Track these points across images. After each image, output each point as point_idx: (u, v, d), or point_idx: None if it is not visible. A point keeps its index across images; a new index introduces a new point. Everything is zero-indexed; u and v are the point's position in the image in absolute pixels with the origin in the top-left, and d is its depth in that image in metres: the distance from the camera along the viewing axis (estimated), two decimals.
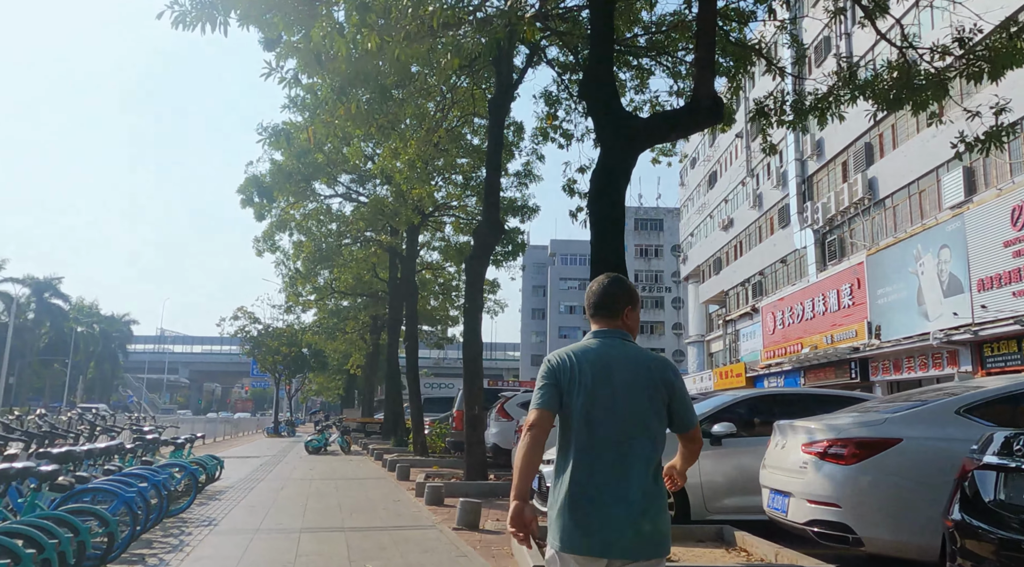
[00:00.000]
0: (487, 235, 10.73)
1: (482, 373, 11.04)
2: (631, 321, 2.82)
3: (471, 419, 10.76)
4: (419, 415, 16.61)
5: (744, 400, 7.45)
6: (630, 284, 2.90)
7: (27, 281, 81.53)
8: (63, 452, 5.39)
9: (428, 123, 12.29)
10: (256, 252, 17.50)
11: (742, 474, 6.84)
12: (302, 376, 54.61)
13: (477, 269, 10.76)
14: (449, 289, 28.06)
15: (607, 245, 6.10)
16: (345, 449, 22.84)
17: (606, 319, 2.77)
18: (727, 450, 7.02)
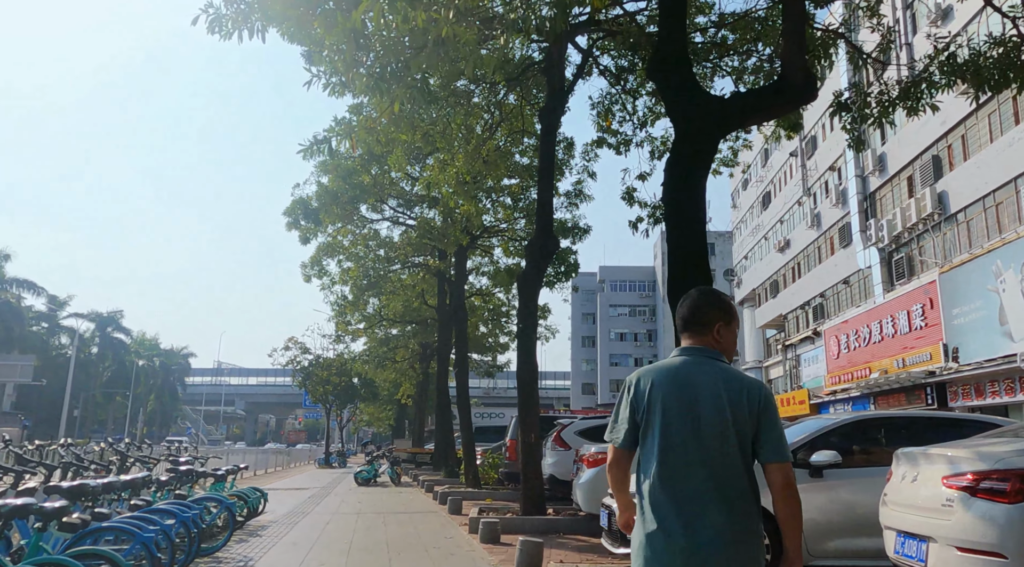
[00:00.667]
0: (540, 250, 10.05)
1: (538, 398, 10.27)
2: (724, 339, 2.60)
3: (527, 448, 9.97)
4: (471, 445, 15.86)
5: (847, 424, 6.38)
6: (725, 299, 2.68)
7: (91, 316, 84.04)
8: (75, 486, 4.81)
9: (476, 138, 11.76)
10: (303, 277, 17.21)
11: (850, 512, 5.83)
12: (353, 406, 54.46)
13: (530, 286, 10.06)
14: (499, 315, 27.43)
15: (686, 243, 5.34)
16: (395, 480, 22.18)
17: (695, 335, 2.59)
18: (830, 483, 5.98)
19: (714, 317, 2.59)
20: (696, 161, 5.32)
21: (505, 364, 36.58)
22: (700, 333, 2.57)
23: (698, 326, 2.58)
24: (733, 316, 2.64)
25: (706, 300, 2.64)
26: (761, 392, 2.47)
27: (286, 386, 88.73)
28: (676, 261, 5.37)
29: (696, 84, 5.76)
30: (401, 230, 20.56)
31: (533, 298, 10.19)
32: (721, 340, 2.58)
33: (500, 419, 37.49)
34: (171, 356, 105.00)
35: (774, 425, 2.43)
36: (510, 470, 15.11)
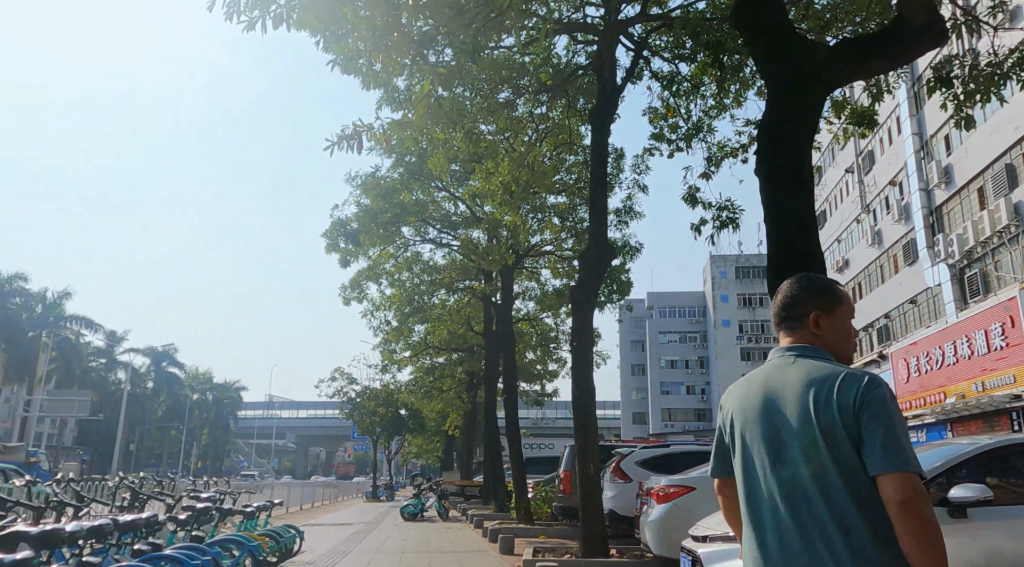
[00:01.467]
0: (596, 260, 9.14)
1: (596, 424, 9.27)
2: (825, 331, 2.11)
3: (586, 481, 8.94)
4: (522, 477, 14.80)
5: (997, 449, 5.11)
6: (822, 282, 2.20)
7: (146, 351, 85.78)
8: (43, 532, 3.97)
9: (521, 144, 10.99)
10: (343, 301, 16.57)
11: (1003, 562, 4.58)
12: (401, 438, 53.84)
13: (585, 300, 9.14)
14: (548, 340, 26.43)
15: (786, 217, 4.35)
16: (443, 515, 21.20)
17: (787, 331, 2.19)
18: (977, 525, 4.66)
19: (808, 306, 2.12)
20: (799, 122, 4.36)
21: (554, 392, 35.44)
22: (793, 328, 2.13)
23: (790, 320, 2.15)
24: (836, 302, 2.14)
25: (798, 287, 2.17)
26: (859, 385, 1.89)
27: (335, 419, 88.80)
28: (775, 245, 4.41)
29: (794, 30, 4.82)
30: (444, 252, 19.91)
31: (588, 313, 9.24)
32: (821, 333, 2.10)
33: (550, 450, 36.22)
34: (224, 390, 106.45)
35: (878, 424, 1.84)
36: (565, 504, 14.00)
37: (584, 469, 8.90)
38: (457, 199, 16.47)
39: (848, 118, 11.59)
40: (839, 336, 2.13)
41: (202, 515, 5.84)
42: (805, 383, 1.95)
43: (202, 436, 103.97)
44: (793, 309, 2.14)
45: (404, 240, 18.10)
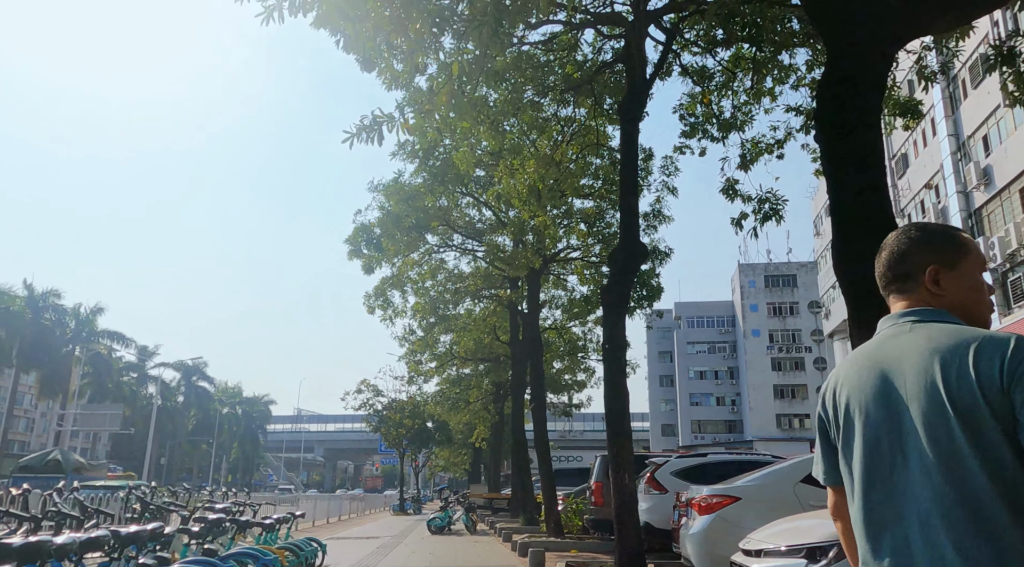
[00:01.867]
0: (626, 258, 8.70)
1: (631, 431, 8.78)
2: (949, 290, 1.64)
3: (620, 491, 8.44)
4: (551, 489, 14.29)
5: None
6: (935, 229, 1.75)
7: (176, 365, 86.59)
8: (27, 544, 3.63)
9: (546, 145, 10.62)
10: (367, 308, 16.26)
11: None
12: (427, 451, 53.49)
13: (615, 301, 8.68)
14: (575, 350, 25.92)
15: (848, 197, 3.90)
16: (470, 528, 20.73)
17: (898, 294, 1.71)
18: None
19: (923, 259, 1.69)
20: (858, 83, 3.93)
21: (582, 403, 34.84)
22: (905, 289, 1.70)
23: (900, 280, 1.72)
24: (960, 253, 1.69)
25: (908, 239, 1.73)
26: (1005, 350, 1.43)
27: (363, 432, 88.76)
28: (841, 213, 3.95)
29: None
30: (469, 260, 19.57)
31: (619, 316, 8.78)
32: (943, 292, 1.66)
33: (578, 462, 35.58)
34: (253, 404, 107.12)
35: None
36: (597, 516, 13.48)
37: (619, 479, 8.41)
38: (482, 204, 16.14)
39: (892, 109, 11.07)
40: (969, 293, 1.68)
41: (215, 527, 5.50)
42: (928, 352, 1.51)
43: (232, 450, 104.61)
44: (903, 265, 1.71)
45: (428, 247, 17.80)
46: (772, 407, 79.89)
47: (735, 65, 11.95)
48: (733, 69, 11.86)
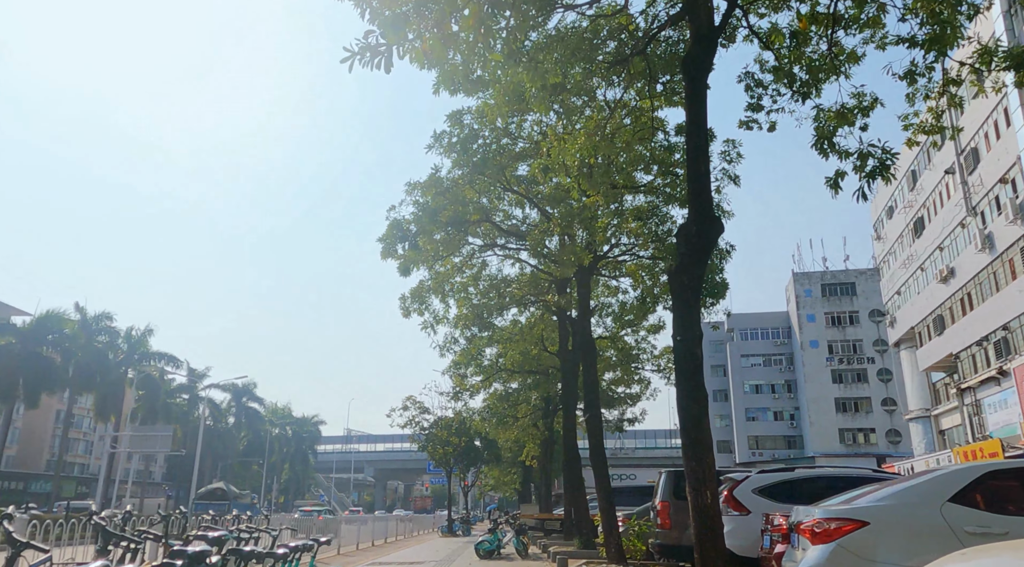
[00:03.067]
0: (698, 235, 7.31)
1: (711, 441, 7.31)
2: None
3: (702, 513, 6.98)
4: (610, 509, 12.78)
5: None
6: None
7: (227, 386, 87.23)
8: None
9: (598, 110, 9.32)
10: (403, 312, 15.05)
11: None
12: (476, 470, 52.08)
13: (687, 283, 7.29)
14: (629, 359, 24.32)
15: None
16: (521, 552, 19.24)
17: None
18: None
19: None
20: None
21: (636, 418, 33.07)
22: None
23: None
24: None
25: None
26: None
27: (413, 452, 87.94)
28: None
29: None
30: (512, 263, 18.31)
31: (692, 300, 7.37)
32: None
33: (632, 480, 33.71)
34: (303, 424, 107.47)
35: None
36: (664, 541, 11.92)
37: (699, 499, 6.95)
38: (526, 200, 14.89)
39: (1003, 61, 9.43)
40: None
41: (196, 562, 4.32)
42: None
43: (283, 470, 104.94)
44: None
45: (470, 248, 16.60)
46: (834, 421, 76.49)
47: (811, 21, 10.47)
48: (807, 27, 10.39)
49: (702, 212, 7.55)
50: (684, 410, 7.30)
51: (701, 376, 7.49)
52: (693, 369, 7.36)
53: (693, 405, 7.24)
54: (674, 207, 16.52)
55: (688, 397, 7.29)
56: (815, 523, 5.62)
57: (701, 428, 7.22)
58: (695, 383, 7.30)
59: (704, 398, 7.38)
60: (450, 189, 13.05)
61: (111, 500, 59.61)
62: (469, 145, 13.91)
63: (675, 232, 16.84)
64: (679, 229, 7.85)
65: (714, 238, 7.72)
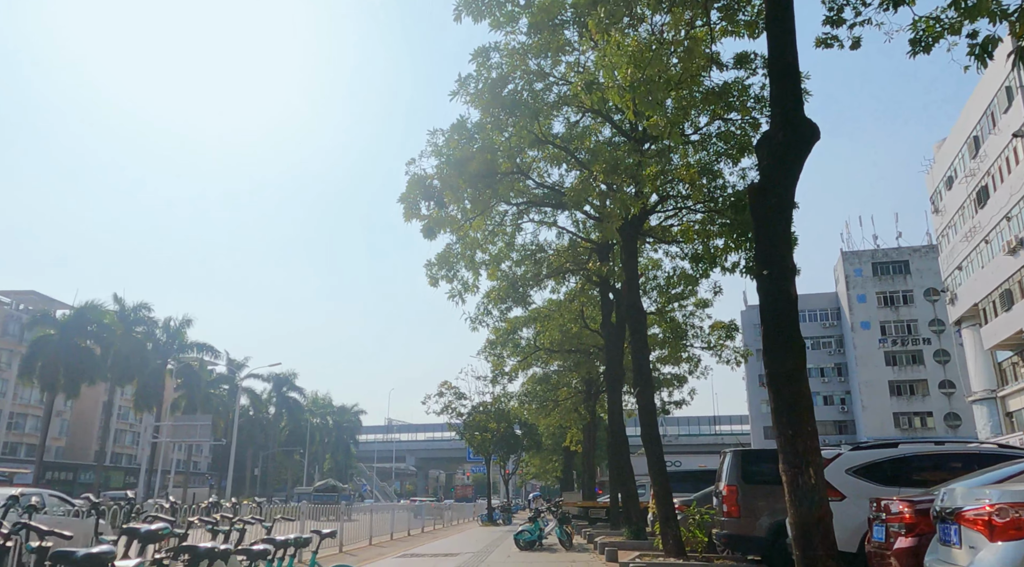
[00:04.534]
0: (786, 145, 5.67)
1: (810, 399, 5.62)
2: None
3: (804, 495, 5.34)
4: (667, 496, 11.14)
5: None
6: None
7: (267, 377, 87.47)
8: None
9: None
10: (429, 280, 13.52)
11: None
12: (516, 457, 50.77)
13: (774, 204, 5.66)
14: (677, 335, 22.50)
15: None
16: (565, 543, 17.74)
17: None
18: None
19: None
20: None
21: (684, 401, 31.21)
22: None
23: None
24: None
25: None
26: None
27: (453, 440, 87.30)
28: None
29: None
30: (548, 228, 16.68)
31: (780, 227, 5.74)
32: None
33: (676, 467, 31.85)
34: (343, 413, 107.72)
35: None
36: (732, 531, 10.29)
37: (799, 478, 5.31)
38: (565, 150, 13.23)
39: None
40: None
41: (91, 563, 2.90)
42: None
43: (325, 460, 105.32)
44: None
45: (502, 211, 15.02)
46: (888, 405, 73.37)
47: None
48: None
49: (790, 114, 5.91)
50: (775, 364, 5.68)
51: (796, 320, 5.86)
52: (786, 311, 5.73)
53: (787, 357, 5.61)
54: (727, 165, 14.74)
55: (781, 347, 5.67)
56: (995, 510, 3.94)
57: (798, 386, 5.59)
58: (789, 329, 5.68)
59: (801, 348, 5.74)
60: (477, 133, 11.47)
61: (155, 490, 59.92)
62: (498, 90, 12.32)
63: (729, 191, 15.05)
64: (760, 140, 6.23)
65: (807, 146, 6.06)
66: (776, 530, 10.00)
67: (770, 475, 10.82)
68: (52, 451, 79.01)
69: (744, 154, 13.94)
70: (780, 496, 10.21)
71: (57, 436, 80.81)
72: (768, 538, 9.98)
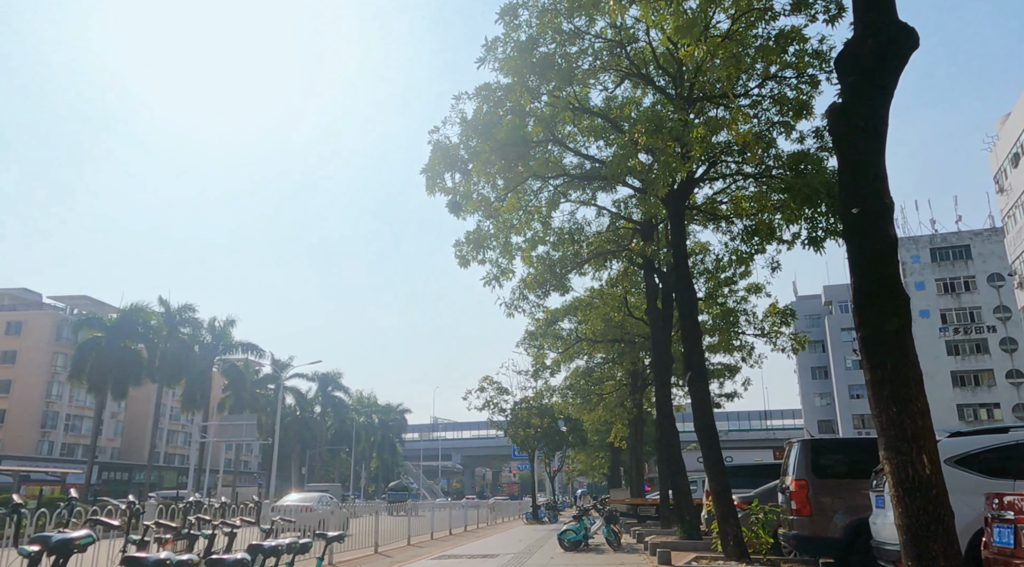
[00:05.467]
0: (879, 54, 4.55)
1: (919, 370, 4.50)
2: None
3: (915, 488, 4.20)
4: (725, 492, 9.91)
5: None
6: None
7: (312, 376, 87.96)
8: None
9: None
10: (459, 261, 12.46)
11: None
12: (561, 454, 49.62)
13: (866, 123, 4.54)
14: (728, 322, 21.06)
15: None
16: (613, 543, 16.58)
17: None
18: None
19: None
20: None
21: (736, 393, 29.62)
22: None
23: None
24: None
25: None
26: None
27: (499, 438, 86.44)
28: None
29: None
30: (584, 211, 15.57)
31: (871, 153, 4.61)
32: None
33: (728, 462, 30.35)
34: (388, 412, 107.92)
35: None
36: (802, 531, 9.07)
37: (908, 468, 4.15)
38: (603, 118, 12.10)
39: None
40: None
41: None
42: None
43: (371, 459, 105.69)
44: None
45: (534, 191, 13.93)
46: (951, 397, 70.04)
47: None
48: None
49: (880, 17, 4.75)
50: (873, 324, 4.52)
51: (896, 269, 4.70)
52: (884, 256, 4.57)
53: (888, 314, 4.46)
54: (779, 133, 13.42)
55: (880, 302, 4.51)
56: None
57: (903, 351, 4.43)
58: (889, 279, 4.53)
59: (905, 303, 4.59)
60: (505, 96, 10.43)
61: (205, 489, 60.55)
62: (528, 53, 11.26)
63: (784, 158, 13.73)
64: (842, 54, 5.08)
65: (903, 56, 4.89)
66: (854, 530, 8.75)
67: (845, 467, 9.59)
68: (108, 452, 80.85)
69: (802, 116, 12.65)
70: (857, 491, 9.02)
71: (112, 437, 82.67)
72: (845, 539, 8.76)
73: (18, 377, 73.72)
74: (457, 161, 10.84)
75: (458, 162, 10.85)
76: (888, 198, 4.86)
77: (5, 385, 73.86)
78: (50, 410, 75.10)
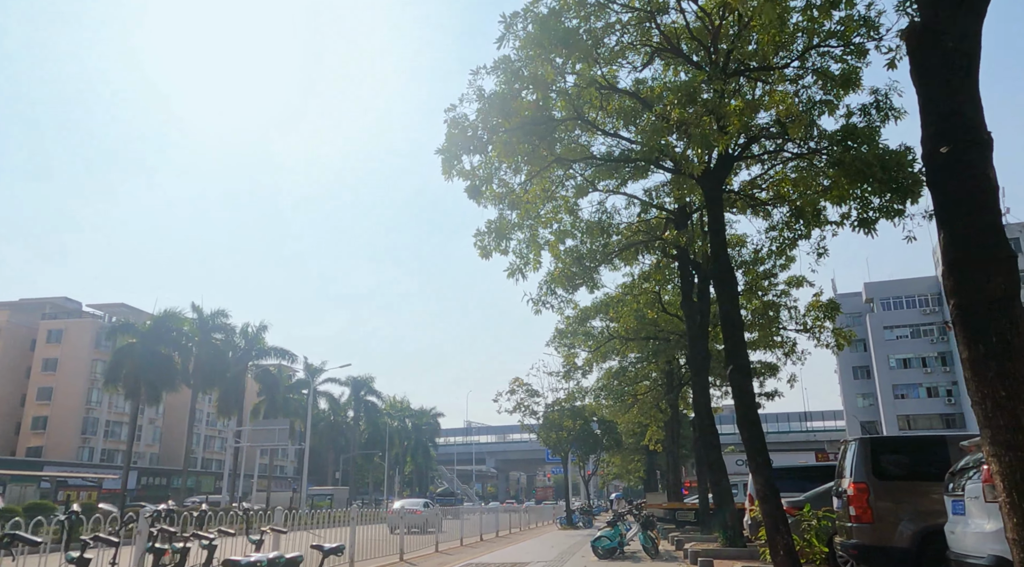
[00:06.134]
0: None
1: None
2: None
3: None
4: (772, 497, 8.98)
5: None
6: None
7: (345, 381, 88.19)
8: None
9: None
10: (480, 252, 11.66)
11: None
12: (596, 457, 48.60)
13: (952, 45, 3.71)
14: (769, 316, 20.00)
15: None
16: (650, 551, 15.69)
17: None
18: None
19: None
20: None
21: (776, 392, 28.35)
22: None
23: None
24: None
25: None
26: None
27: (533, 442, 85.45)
28: None
29: None
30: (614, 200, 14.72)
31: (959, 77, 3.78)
32: None
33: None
34: (421, 416, 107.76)
35: None
36: (863, 540, 8.13)
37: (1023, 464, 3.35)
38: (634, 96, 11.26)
39: None
40: None
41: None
42: None
43: (405, 463, 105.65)
44: None
45: (559, 179, 13.11)
46: None
47: None
48: None
49: None
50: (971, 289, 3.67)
51: (1000, 221, 3.85)
52: (986, 205, 3.73)
53: (990, 275, 3.59)
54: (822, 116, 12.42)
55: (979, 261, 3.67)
56: None
57: (1010, 321, 3.57)
58: (991, 234, 3.69)
59: (1013, 262, 3.74)
60: (526, 66, 9.65)
61: (240, 494, 60.79)
62: (550, 30, 10.49)
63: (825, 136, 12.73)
64: None
65: None
66: (923, 538, 7.79)
67: (909, 468, 8.60)
68: (147, 457, 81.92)
69: (849, 89, 11.66)
70: (924, 495, 8.06)
71: (151, 443, 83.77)
72: (913, 549, 7.80)
73: (59, 384, 75.13)
74: (475, 140, 10.10)
75: (476, 141, 10.11)
76: (986, 132, 4.01)
77: (47, 392, 75.30)
78: (90, 416, 76.36)
